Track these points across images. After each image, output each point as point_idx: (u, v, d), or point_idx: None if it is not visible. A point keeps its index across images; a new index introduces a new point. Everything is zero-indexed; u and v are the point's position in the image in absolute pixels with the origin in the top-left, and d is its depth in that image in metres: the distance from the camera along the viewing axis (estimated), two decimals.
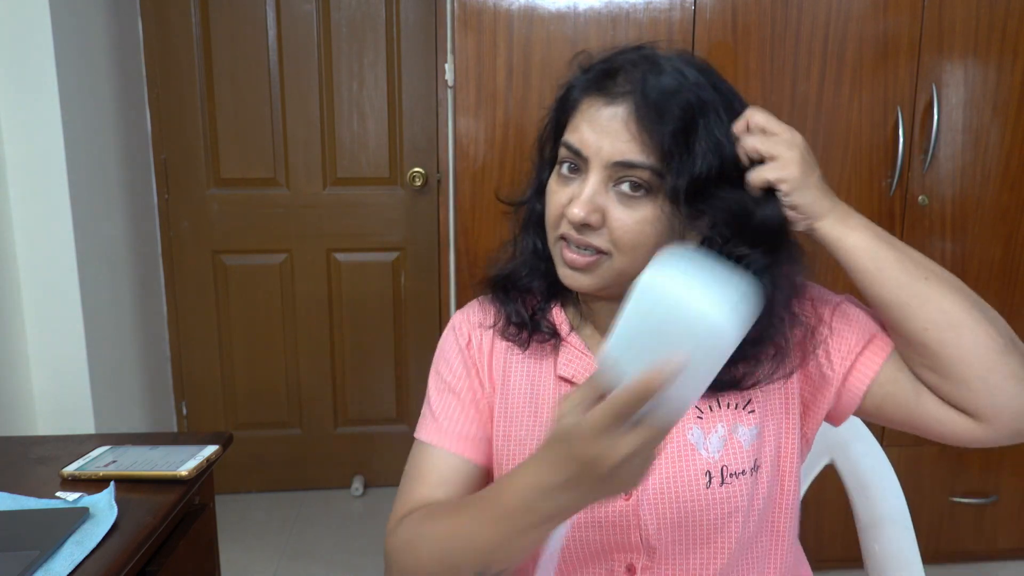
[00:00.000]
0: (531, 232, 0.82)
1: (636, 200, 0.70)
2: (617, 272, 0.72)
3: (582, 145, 0.71)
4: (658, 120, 0.67)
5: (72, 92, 1.71)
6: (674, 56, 0.72)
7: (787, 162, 0.69)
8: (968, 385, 0.69)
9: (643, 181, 0.69)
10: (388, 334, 2.49)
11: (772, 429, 0.78)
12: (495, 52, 1.66)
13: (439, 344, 0.86)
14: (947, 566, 2.05)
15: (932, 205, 1.82)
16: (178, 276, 2.38)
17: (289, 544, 2.22)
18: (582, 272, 0.73)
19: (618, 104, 0.69)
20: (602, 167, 0.70)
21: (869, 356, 0.76)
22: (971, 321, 0.69)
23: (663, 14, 1.67)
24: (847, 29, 1.72)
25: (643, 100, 0.67)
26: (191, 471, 0.97)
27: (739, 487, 0.75)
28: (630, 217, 0.70)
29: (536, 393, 0.81)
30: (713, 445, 0.75)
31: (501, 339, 0.83)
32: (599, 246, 0.71)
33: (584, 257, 0.72)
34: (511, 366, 0.82)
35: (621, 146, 0.68)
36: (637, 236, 0.70)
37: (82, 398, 1.76)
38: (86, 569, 0.78)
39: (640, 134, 0.68)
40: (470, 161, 1.71)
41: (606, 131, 0.69)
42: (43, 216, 1.67)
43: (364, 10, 2.29)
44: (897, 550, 1.04)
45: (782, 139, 0.69)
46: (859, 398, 0.76)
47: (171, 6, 2.22)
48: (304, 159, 2.36)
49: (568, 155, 0.73)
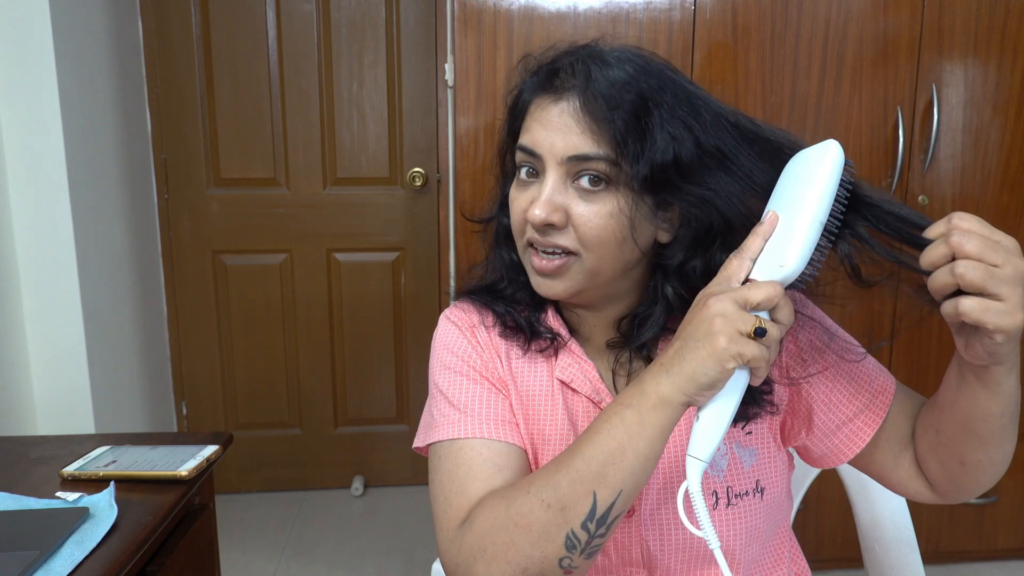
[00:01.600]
0: (503, 246, 0.81)
1: (596, 194, 0.68)
2: (588, 273, 0.71)
3: (535, 145, 0.70)
4: (607, 109, 0.66)
5: (72, 92, 1.71)
6: (619, 49, 0.71)
7: (1014, 309, 0.54)
8: (964, 490, 0.71)
9: (601, 173, 0.67)
10: (388, 334, 2.49)
11: (771, 452, 0.78)
12: (495, 52, 1.66)
13: (437, 340, 0.81)
14: (947, 566, 2.05)
15: (932, 205, 1.82)
16: (178, 276, 2.38)
17: (289, 544, 2.22)
18: (553, 278, 0.71)
19: (565, 99, 0.68)
20: (557, 164, 0.68)
21: (861, 426, 0.76)
22: (1009, 458, 0.69)
23: (663, 14, 1.67)
24: (847, 29, 1.72)
25: (590, 92, 0.66)
26: (191, 471, 0.97)
27: (744, 508, 0.75)
28: (592, 212, 0.68)
29: (535, 393, 0.79)
30: (718, 465, 0.75)
31: (500, 338, 0.80)
32: (566, 246, 0.69)
33: (552, 262, 0.70)
34: (514, 363, 0.80)
35: (574, 139, 0.67)
36: (602, 231, 0.68)
37: (82, 398, 1.76)
38: (86, 569, 0.78)
39: (591, 125, 0.66)
40: (470, 161, 1.71)
41: (557, 127, 0.68)
42: (43, 216, 1.67)
43: (364, 10, 2.29)
44: (897, 550, 1.04)
45: (1006, 274, 0.54)
46: (840, 462, 0.78)
47: (171, 6, 2.22)
48: (304, 159, 2.36)
49: (524, 158, 0.71)
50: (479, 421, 0.73)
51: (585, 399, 0.77)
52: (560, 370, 0.77)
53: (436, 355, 0.80)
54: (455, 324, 0.81)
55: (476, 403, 0.74)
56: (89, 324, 1.76)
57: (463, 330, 0.80)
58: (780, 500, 0.79)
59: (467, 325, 0.81)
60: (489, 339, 0.80)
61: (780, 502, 0.79)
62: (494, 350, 0.79)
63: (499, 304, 0.80)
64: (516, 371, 0.79)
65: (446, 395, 0.76)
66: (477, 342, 0.79)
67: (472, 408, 0.74)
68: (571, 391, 0.77)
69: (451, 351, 0.79)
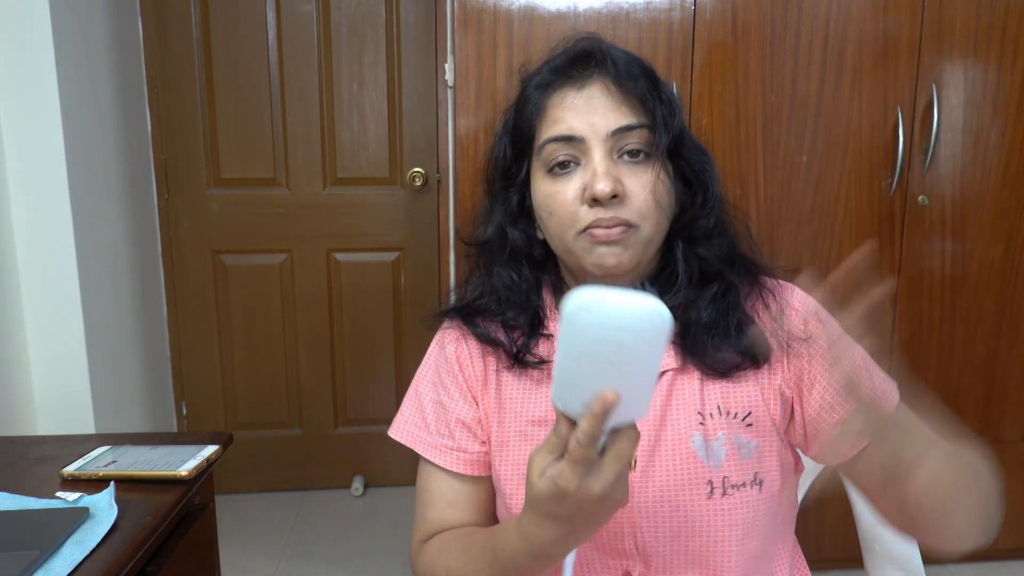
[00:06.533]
0: (507, 264, 0.81)
1: (640, 165, 0.72)
2: (645, 243, 0.73)
3: (573, 131, 0.72)
4: (633, 81, 0.71)
5: (72, 92, 1.71)
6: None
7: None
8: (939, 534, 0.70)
9: (640, 144, 0.72)
10: (388, 334, 2.49)
11: (773, 447, 0.76)
12: (495, 52, 1.66)
13: (428, 357, 0.87)
14: (947, 566, 2.05)
15: (932, 205, 1.82)
16: (178, 276, 2.38)
17: (289, 544, 2.22)
18: (620, 247, 0.71)
19: (590, 84, 0.72)
20: (602, 141, 0.71)
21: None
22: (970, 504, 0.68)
23: (663, 14, 1.67)
24: (847, 29, 1.72)
25: (614, 70, 0.71)
26: (191, 471, 0.97)
27: (741, 500, 0.74)
28: (641, 182, 0.71)
29: (531, 403, 0.79)
30: (715, 454, 0.74)
31: (491, 359, 0.81)
32: (628, 219, 0.71)
33: (616, 230, 0.71)
34: (504, 387, 0.81)
35: (611, 115, 0.71)
36: (651, 199, 0.71)
37: (82, 398, 1.76)
38: (86, 569, 0.78)
39: (625, 99, 0.71)
40: (470, 161, 1.70)
41: (591, 109, 0.71)
42: (43, 216, 1.67)
43: (364, 10, 2.29)
44: (897, 550, 1.04)
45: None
46: (828, 460, 0.79)
47: (171, 6, 2.22)
48: (304, 159, 2.36)
49: (559, 148, 0.73)
50: (440, 450, 0.81)
51: None
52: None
53: (424, 369, 0.87)
54: (443, 350, 0.84)
55: (443, 431, 0.81)
56: (89, 324, 1.76)
57: (448, 355, 0.83)
58: (780, 496, 0.77)
59: (456, 348, 0.83)
60: (482, 362, 0.82)
61: (780, 498, 0.77)
62: (483, 374, 0.82)
63: (478, 328, 0.81)
64: (507, 393, 0.80)
65: (422, 405, 0.84)
66: (463, 368, 0.82)
67: (437, 434, 0.82)
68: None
69: (435, 374, 0.84)
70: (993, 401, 1.92)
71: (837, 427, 0.73)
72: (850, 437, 0.69)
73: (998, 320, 1.90)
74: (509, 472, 0.79)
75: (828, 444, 0.76)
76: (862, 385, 0.58)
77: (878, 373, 0.77)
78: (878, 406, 0.67)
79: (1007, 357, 1.92)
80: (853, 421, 0.64)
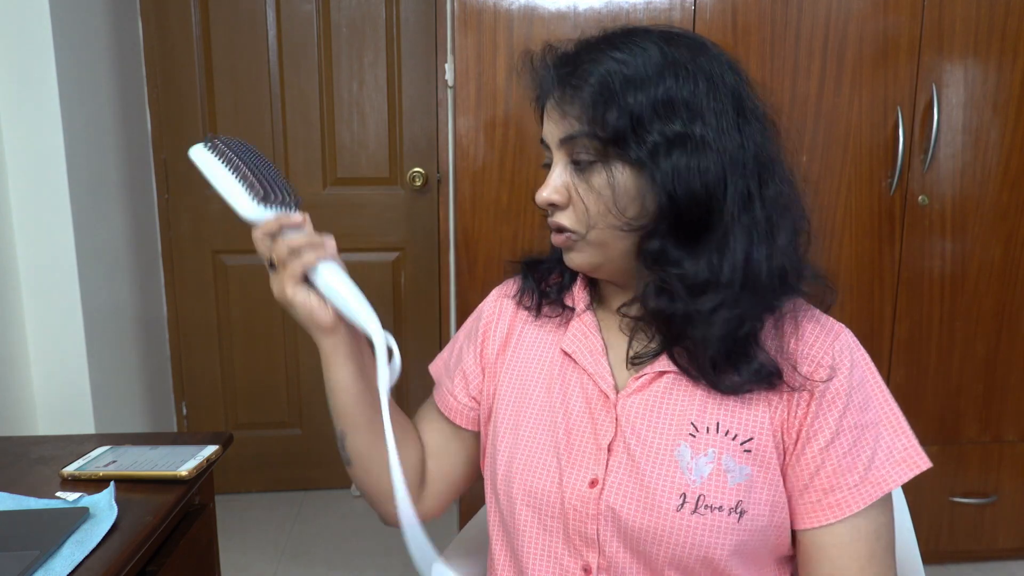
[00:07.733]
0: None
1: (590, 169, 0.73)
2: (596, 246, 0.75)
3: (544, 138, 0.78)
4: (575, 92, 0.72)
5: (72, 92, 1.71)
6: (583, 40, 0.77)
7: None
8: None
9: (588, 149, 0.73)
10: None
11: (768, 480, 0.73)
12: (495, 52, 1.66)
13: (480, 305, 0.94)
14: (947, 566, 2.05)
15: (932, 205, 1.82)
16: (178, 276, 2.38)
17: (289, 544, 2.22)
18: (571, 251, 0.78)
19: (554, 94, 0.76)
20: (557, 149, 0.76)
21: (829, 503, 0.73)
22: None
23: (663, 14, 1.67)
24: (847, 29, 1.72)
25: (561, 82, 0.74)
26: (191, 471, 0.97)
27: (712, 523, 0.70)
28: (587, 186, 0.74)
29: (539, 361, 0.84)
30: (697, 469, 0.71)
31: (520, 308, 0.88)
32: (566, 224, 0.76)
33: (560, 236, 0.77)
34: (524, 334, 0.86)
35: (562, 124, 0.74)
36: (596, 203, 0.73)
37: (82, 398, 1.76)
38: (86, 569, 0.78)
39: (569, 109, 0.73)
40: (470, 161, 1.71)
41: (552, 118, 0.76)
42: (43, 216, 1.67)
43: (364, 10, 2.29)
44: (897, 550, 1.04)
45: None
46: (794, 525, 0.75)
47: (171, 6, 2.22)
48: (304, 159, 2.36)
49: (544, 150, 0.79)
50: (441, 384, 0.93)
51: (583, 372, 0.79)
52: (566, 342, 0.82)
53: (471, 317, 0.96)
54: (487, 301, 0.92)
55: (453, 360, 0.93)
56: (89, 324, 1.76)
57: (485, 307, 0.92)
58: (763, 531, 0.72)
59: (496, 298, 0.92)
60: (513, 310, 0.89)
61: (764, 533, 0.72)
62: (509, 321, 0.88)
63: (529, 279, 0.88)
64: (525, 339, 0.86)
65: (454, 342, 0.95)
66: (490, 317, 0.90)
67: (447, 368, 0.93)
68: (572, 362, 0.81)
69: (476, 314, 0.93)
70: (993, 401, 1.92)
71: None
72: None
73: (998, 320, 1.90)
74: (502, 410, 0.84)
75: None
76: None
77: (899, 442, 0.74)
78: None
79: (1007, 357, 1.92)
80: None
